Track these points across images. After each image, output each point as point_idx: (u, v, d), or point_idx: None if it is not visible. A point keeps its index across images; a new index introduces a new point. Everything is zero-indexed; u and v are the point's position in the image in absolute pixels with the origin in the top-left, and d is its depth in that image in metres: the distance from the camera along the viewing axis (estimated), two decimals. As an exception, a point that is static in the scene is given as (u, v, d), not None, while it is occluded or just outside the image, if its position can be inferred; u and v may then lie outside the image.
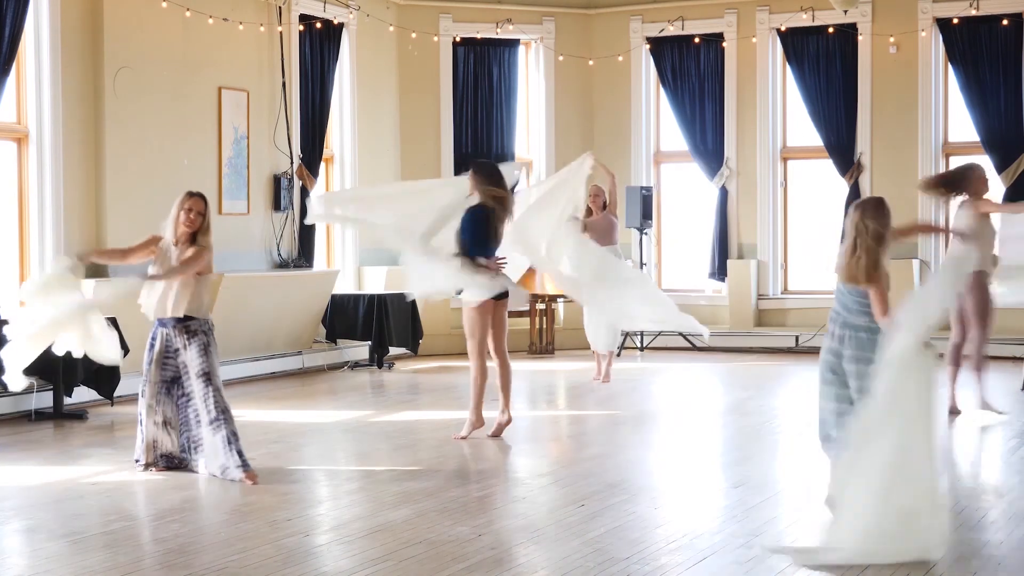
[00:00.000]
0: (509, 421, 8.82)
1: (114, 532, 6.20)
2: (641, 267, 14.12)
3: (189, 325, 7.48)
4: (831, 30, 14.20)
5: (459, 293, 8.80)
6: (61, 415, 9.71)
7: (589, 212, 11.48)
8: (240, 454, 7.34)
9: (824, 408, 6.29)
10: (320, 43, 13.39)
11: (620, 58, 15.17)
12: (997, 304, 9.48)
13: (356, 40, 13.91)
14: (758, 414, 10.09)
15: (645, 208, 13.94)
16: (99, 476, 7.59)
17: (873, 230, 6.06)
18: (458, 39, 14.91)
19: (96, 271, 10.85)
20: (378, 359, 13.14)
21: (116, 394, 10.14)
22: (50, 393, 9.84)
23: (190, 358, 7.45)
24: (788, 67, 14.59)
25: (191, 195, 7.61)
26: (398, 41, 14.59)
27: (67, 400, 9.82)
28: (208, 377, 7.45)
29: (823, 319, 13.68)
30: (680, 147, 15.18)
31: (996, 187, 13.53)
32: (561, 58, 15.24)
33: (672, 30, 14.93)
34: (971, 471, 7.78)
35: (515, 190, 9.18)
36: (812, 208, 14.99)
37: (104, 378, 9.94)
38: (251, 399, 10.92)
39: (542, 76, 15.34)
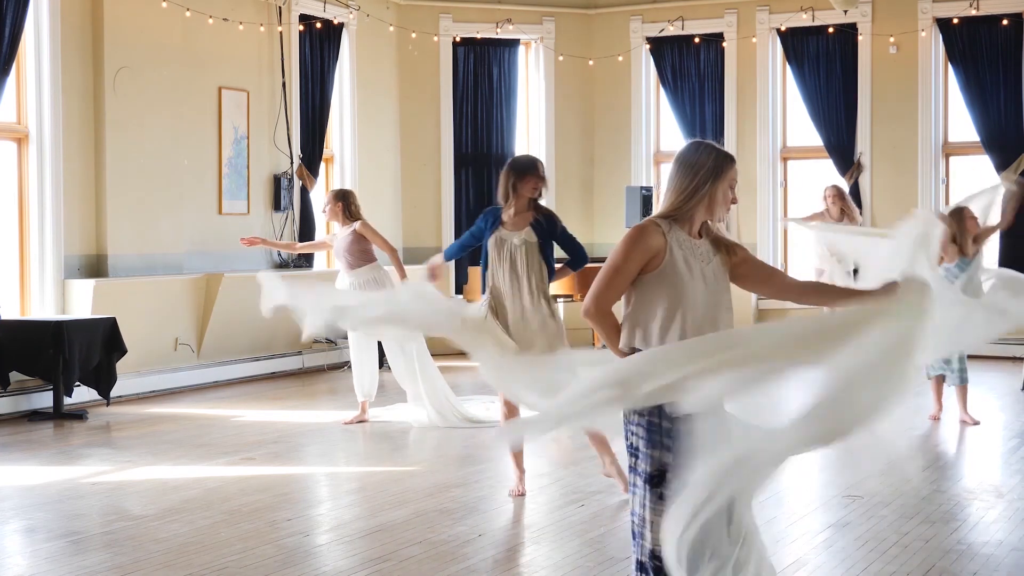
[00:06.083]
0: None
1: (114, 532, 6.20)
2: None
3: None
4: (831, 30, 14.19)
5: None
6: (61, 415, 9.71)
7: None
8: None
9: None
10: (320, 43, 13.38)
11: (620, 58, 15.16)
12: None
13: (356, 40, 13.91)
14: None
15: (645, 208, 13.93)
16: (99, 476, 7.59)
17: None
18: (458, 39, 14.91)
19: (97, 271, 10.85)
20: (378, 359, 13.11)
21: (112, 394, 10.15)
22: (50, 393, 9.84)
23: None
24: (788, 67, 14.58)
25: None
26: (398, 41, 14.58)
27: (67, 400, 9.82)
28: None
29: (823, 319, 13.75)
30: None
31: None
32: (561, 58, 15.24)
33: (672, 30, 14.92)
34: (971, 471, 7.77)
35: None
36: (812, 208, 14.97)
37: (102, 378, 9.94)
38: (251, 399, 10.93)
39: (542, 76, 15.33)
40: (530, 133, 15.56)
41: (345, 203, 9.61)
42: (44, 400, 9.91)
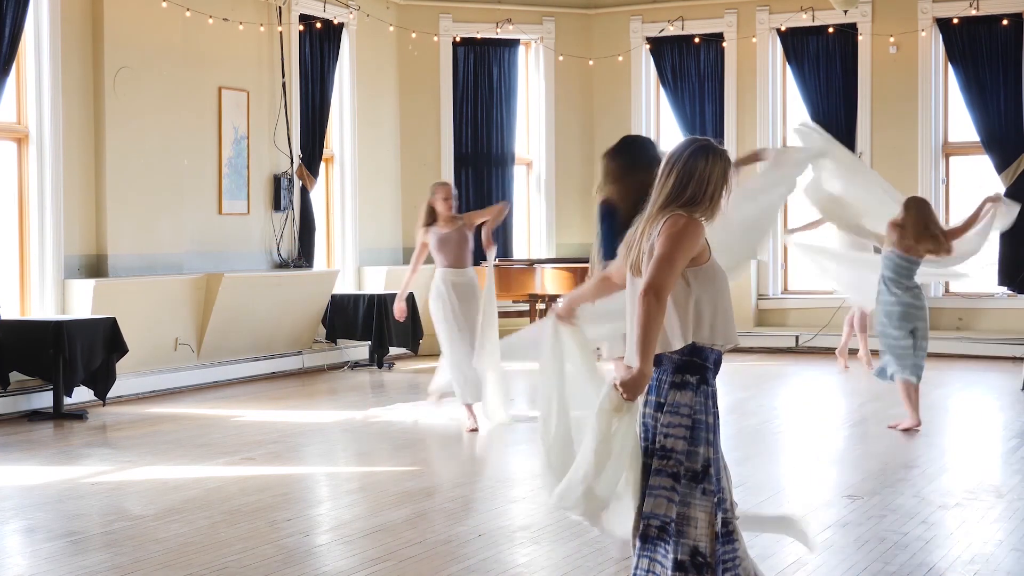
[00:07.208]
0: None
1: (114, 532, 6.20)
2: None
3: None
4: (831, 30, 14.20)
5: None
6: (61, 415, 9.71)
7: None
8: None
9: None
10: (320, 43, 13.38)
11: (620, 58, 15.16)
12: None
13: (356, 40, 13.91)
14: (758, 414, 10.08)
15: (645, 208, 13.94)
16: (99, 476, 7.59)
17: None
18: (458, 39, 14.91)
19: (97, 271, 10.86)
20: (378, 359, 13.14)
21: (113, 394, 10.15)
22: (50, 393, 9.84)
23: None
24: (788, 67, 14.58)
25: None
26: (398, 41, 14.58)
27: (67, 400, 9.82)
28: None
29: (823, 319, 13.80)
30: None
31: (996, 187, 13.53)
32: (561, 58, 15.24)
33: (672, 30, 14.93)
34: (971, 471, 7.77)
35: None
36: (812, 208, 14.95)
37: (99, 378, 9.94)
38: (251, 399, 10.93)
39: (542, 76, 15.33)
40: (530, 133, 15.56)
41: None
42: (44, 400, 9.91)
